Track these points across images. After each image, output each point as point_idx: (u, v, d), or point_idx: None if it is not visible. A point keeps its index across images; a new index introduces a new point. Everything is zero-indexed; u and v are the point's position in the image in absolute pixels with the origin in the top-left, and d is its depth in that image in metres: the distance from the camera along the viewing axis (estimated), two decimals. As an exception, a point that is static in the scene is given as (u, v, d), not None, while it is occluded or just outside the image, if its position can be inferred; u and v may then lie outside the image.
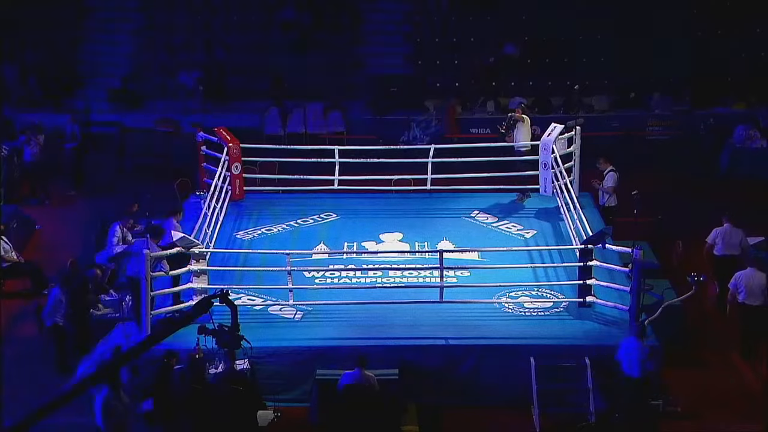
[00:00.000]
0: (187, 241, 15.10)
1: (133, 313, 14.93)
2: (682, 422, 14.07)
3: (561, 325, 15.00)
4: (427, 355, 14.54)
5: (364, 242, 17.38)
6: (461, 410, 14.43)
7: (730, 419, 14.22)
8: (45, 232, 20.23)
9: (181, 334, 10.35)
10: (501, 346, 14.56)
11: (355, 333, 14.83)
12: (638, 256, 14.48)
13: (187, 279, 15.23)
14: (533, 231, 17.92)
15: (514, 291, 15.71)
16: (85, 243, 18.85)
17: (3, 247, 17.56)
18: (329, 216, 18.68)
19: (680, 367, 15.02)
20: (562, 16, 26.25)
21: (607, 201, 18.38)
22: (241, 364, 13.77)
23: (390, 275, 16.25)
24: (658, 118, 25.02)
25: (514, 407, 14.35)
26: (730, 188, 21.91)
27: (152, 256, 14.54)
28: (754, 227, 18.18)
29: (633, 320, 14.37)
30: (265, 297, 15.70)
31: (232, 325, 11.35)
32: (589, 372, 14.19)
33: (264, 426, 13.51)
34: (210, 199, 17.43)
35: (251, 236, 17.87)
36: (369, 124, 24.28)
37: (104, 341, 14.94)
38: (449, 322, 15.03)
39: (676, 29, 26.07)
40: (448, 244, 17.20)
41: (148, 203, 18.03)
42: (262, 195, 19.62)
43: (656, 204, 18.95)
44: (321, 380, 14.15)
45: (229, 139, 18.87)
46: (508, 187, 19.22)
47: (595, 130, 23.63)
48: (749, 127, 23.28)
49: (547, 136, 18.47)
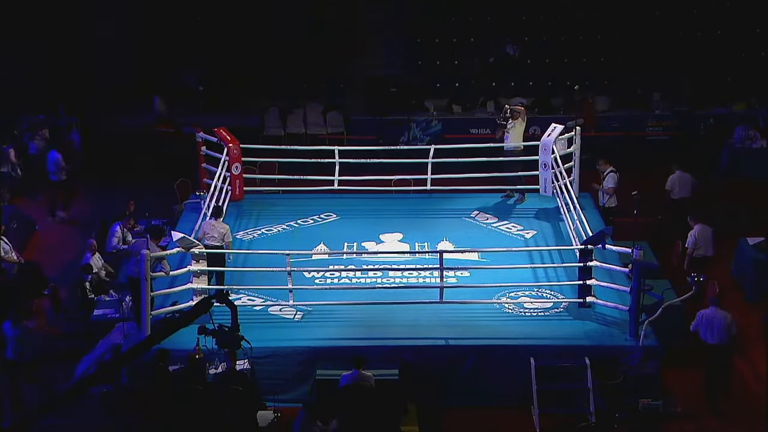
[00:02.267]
0: (187, 241, 15.10)
1: (133, 313, 14.93)
2: (682, 422, 14.06)
3: (561, 326, 15.00)
4: (427, 356, 14.54)
5: (364, 242, 17.38)
6: (461, 410, 14.43)
7: (730, 419, 14.21)
8: (45, 232, 20.23)
9: (181, 335, 10.33)
10: (501, 346, 14.56)
11: (355, 333, 14.84)
12: (638, 257, 14.48)
13: (187, 279, 15.25)
14: (533, 231, 17.92)
15: (514, 291, 15.71)
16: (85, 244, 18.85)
17: (3, 247, 17.54)
18: (329, 216, 18.68)
19: (680, 367, 15.02)
20: (563, 17, 26.30)
21: (608, 202, 18.39)
22: (241, 364, 13.78)
23: (390, 275, 16.26)
24: (658, 118, 25.02)
25: (514, 407, 14.36)
26: (730, 188, 21.90)
27: (152, 256, 14.55)
28: (754, 227, 18.20)
29: (633, 320, 14.40)
30: (265, 297, 15.70)
31: (232, 325, 11.33)
32: (589, 372, 14.19)
33: (264, 426, 13.52)
34: (210, 200, 17.42)
35: (251, 236, 17.87)
36: (369, 125, 24.28)
37: (104, 341, 14.94)
38: (449, 322, 15.03)
39: (676, 29, 26.09)
40: (448, 245, 17.19)
41: (147, 204, 18.04)
42: (262, 195, 19.61)
43: (656, 204, 18.95)
44: (321, 380, 14.15)
45: (229, 140, 18.86)
46: (508, 188, 19.22)
47: (595, 131, 23.70)
48: (749, 127, 23.28)
49: (547, 136, 18.46)
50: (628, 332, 14.53)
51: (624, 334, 14.59)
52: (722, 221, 18.11)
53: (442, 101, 25.56)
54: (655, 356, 14.32)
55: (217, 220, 15.88)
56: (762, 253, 17.47)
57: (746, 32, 26.13)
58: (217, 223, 15.80)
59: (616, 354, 14.39)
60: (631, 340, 14.47)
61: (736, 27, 26.17)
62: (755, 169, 22.48)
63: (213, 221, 15.87)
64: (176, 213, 18.89)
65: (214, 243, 15.49)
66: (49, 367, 14.96)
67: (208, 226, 15.81)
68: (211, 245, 15.42)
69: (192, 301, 14.86)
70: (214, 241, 15.51)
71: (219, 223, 15.80)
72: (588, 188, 18.89)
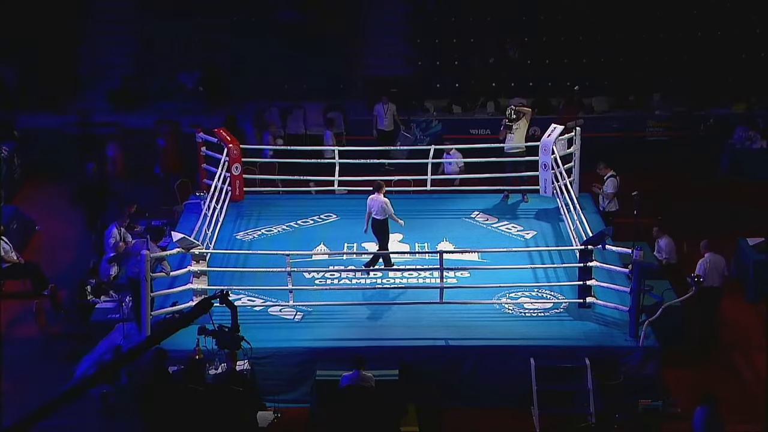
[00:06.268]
0: (187, 241, 15.10)
1: (133, 313, 14.93)
2: (682, 423, 14.05)
3: (561, 326, 15.01)
4: (427, 356, 14.55)
5: (364, 243, 17.37)
6: (461, 411, 14.44)
7: (730, 420, 14.20)
8: (45, 232, 20.23)
9: (181, 335, 10.33)
10: (501, 346, 14.57)
11: (355, 334, 14.84)
12: (638, 257, 14.49)
13: (187, 279, 15.25)
14: (533, 232, 17.92)
15: (514, 292, 15.71)
16: (85, 244, 18.87)
17: (3, 247, 17.56)
18: (329, 217, 18.67)
19: (680, 367, 15.03)
20: (563, 17, 26.29)
21: (608, 206, 18.36)
22: (241, 364, 13.77)
23: (390, 276, 16.26)
24: (658, 119, 25.01)
25: (514, 408, 14.36)
26: (730, 189, 21.90)
27: (152, 257, 14.54)
28: (754, 228, 18.19)
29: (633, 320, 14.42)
30: (265, 298, 15.70)
31: (232, 326, 11.34)
32: (588, 373, 14.20)
33: (264, 426, 13.52)
34: (210, 200, 17.42)
35: (251, 237, 17.87)
36: (369, 125, 24.25)
37: (104, 341, 14.94)
38: (449, 322, 15.03)
39: (676, 29, 26.09)
40: (448, 245, 17.19)
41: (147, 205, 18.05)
42: (262, 196, 19.61)
43: (656, 204, 18.93)
44: (321, 381, 14.15)
45: (228, 140, 18.86)
46: (508, 188, 19.23)
47: (595, 131, 23.64)
48: (749, 128, 23.28)
49: (547, 137, 18.45)
50: (628, 333, 14.54)
51: (624, 335, 14.60)
52: (722, 221, 18.12)
53: (442, 101, 25.55)
54: (655, 357, 14.32)
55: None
56: (762, 253, 17.47)
57: (746, 32, 26.12)
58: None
59: (616, 354, 14.40)
60: (631, 341, 14.47)
61: (736, 27, 26.16)
62: (755, 170, 22.48)
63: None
64: (176, 213, 18.89)
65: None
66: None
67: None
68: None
69: (192, 302, 14.86)
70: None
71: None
72: (588, 189, 18.87)
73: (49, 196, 21.82)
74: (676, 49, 25.89)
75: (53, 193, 22.02)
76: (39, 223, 20.31)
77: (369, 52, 26.76)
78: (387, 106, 22.93)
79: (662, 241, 16.83)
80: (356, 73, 26.20)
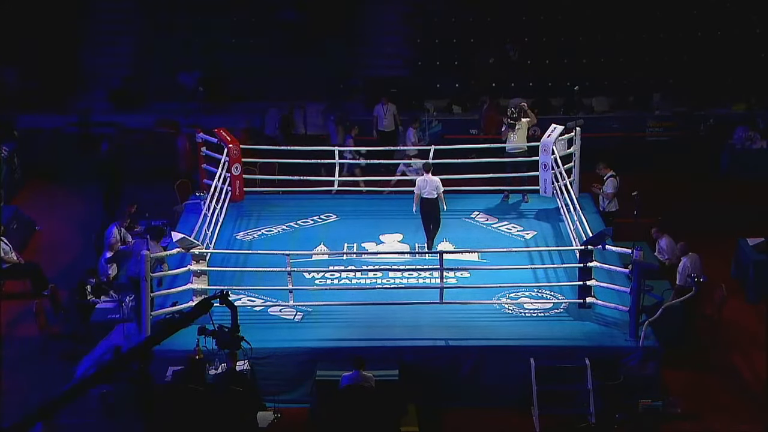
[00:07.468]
0: (187, 241, 15.10)
1: (134, 313, 14.93)
2: (682, 423, 14.06)
3: (561, 326, 15.00)
4: (427, 356, 14.54)
5: (364, 243, 17.38)
6: (461, 411, 14.44)
7: (730, 420, 14.21)
8: (45, 232, 20.24)
9: (181, 335, 10.33)
10: (501, 347, 14.57)
11: (355, 334, 14.84)
12: (638, 257, 14.49)
13: (187, 279, 15.24)
14: (533, 232, 17.92)
15: (514, 292, 15.71)
16: (85, 244, 18.87)
17: (3, 248, 17.56)
18: (329, 217, 18.67)
19: (680, 368, 15.03)
20: (563, 17, 26.30)
21: (608, 206, 18.36)
22: (241, 365, 13.77)
23: (390, 276, 16.26)
24: (658, 119, 25.01)
25: (514, 408, 14.36)
26: (730, 189, 21.91)
27: (152, 257, 14.54)
28: (754, 228, 18.19)
29: (633, 320, 14.41)
30: (265, 298, 15.70)
31: (232, 326, 11.33)
32: (589, 373, 14.19)
33: (264, 426, 13.51)
34: (210, 200, 17.42)
35: (251, 237, 17.87)
36: (369, 125, 24.24)
37: (104, 342, 14.94)
38: (449, 323, 15.03)
39: (676, 29, 26.10)
40: (449, 245, 17.19)
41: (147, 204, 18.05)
42: (262, 196, 19.61)
43: (656, 204, 18.94)
44: (321, 381, 14.15)
45: (229, 140, 18.86)
46: (509, 188, 19.23)
47: (595, 131, 23.63)
48: (749, 128, 23.28)
49: (547, 137, 18.45)
50: (628, 333, 14.54)
51: (624, 335, 14.59)
52: (722, 221, 18.12)
53: (442, 101, 25.54)
54: (655, 357, 14.32)
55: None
56: (762, 253, 17.48)
57: (746, 32, 26.13)
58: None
59: (616, 355, 14.39)
60: (631, 341, 14.47)
61: (736, 27, 26.17)
62: (755, 170, 22.49)
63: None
64: (176, 214, 18.89)
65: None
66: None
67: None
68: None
69: (192, 302, 14.86)
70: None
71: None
72: (588, 189, 18.88)
73: (49, 196, 21.87)
74: (676, 49, 25.91)
75: (53, 193, 22.08)
76: (39, 223, 20.33)
77: (369, 53, 26.76)
78: (387, 106, 22.93)
79: (663, 241, 16.83)
80: (356, 73, 26.19)
